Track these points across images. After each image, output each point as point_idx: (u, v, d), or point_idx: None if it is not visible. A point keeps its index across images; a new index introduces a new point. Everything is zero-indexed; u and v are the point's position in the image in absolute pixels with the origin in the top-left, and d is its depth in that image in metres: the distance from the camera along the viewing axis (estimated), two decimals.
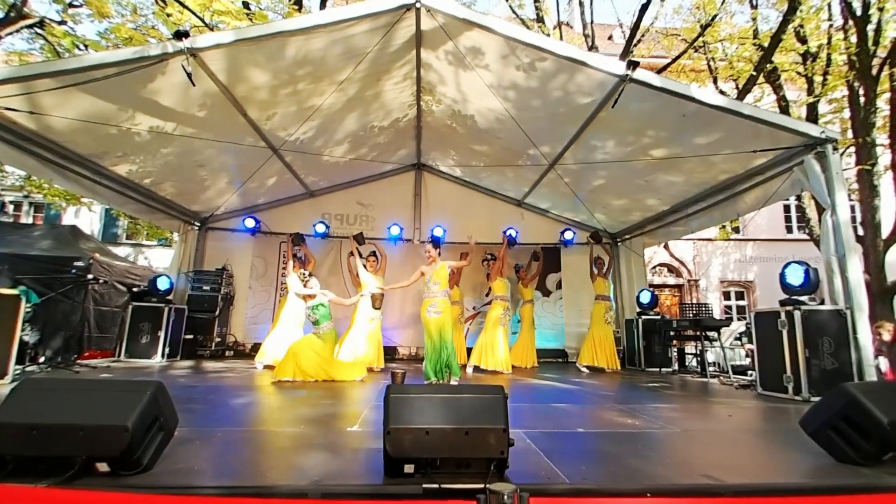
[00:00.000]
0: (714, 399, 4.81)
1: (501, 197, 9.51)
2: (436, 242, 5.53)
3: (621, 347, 8.40)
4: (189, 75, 4.36)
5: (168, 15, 9.01)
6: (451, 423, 1.97)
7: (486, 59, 5.37)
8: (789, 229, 16.27)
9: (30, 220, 16.06)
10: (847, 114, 11.09)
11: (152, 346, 6.80)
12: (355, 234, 7.43)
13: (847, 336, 4.37)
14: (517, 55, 5.12)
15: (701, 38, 11.45)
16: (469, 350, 7.82)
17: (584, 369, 7.17)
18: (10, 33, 9.64)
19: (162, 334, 6.85)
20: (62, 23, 10.03)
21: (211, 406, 3.71)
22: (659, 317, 7.88)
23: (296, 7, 10.60)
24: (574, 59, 4.81)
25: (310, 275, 5.86)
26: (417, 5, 4.63)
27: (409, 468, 1.95)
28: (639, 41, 12.00)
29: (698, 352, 7.36)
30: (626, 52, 11.13)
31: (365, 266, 6.97)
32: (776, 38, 9.91)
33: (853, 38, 10.16)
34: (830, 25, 11.02)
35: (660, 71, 11.02)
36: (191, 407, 3.50)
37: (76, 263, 6.62)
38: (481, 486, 1.77)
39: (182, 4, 8.95)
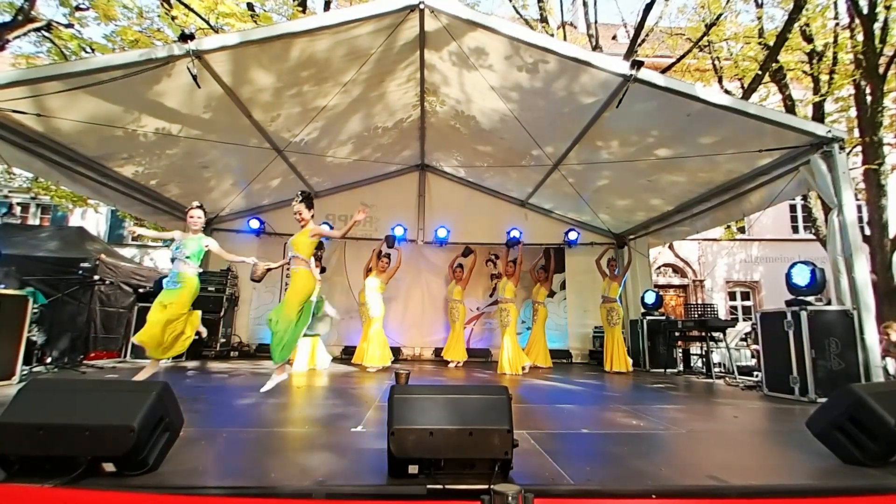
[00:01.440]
0: (719, 400, 4.79)
1: (505, 197, 9.50)
2: (309, 200, 4.54)
3: (626, 348, 8.38)
4: (194, 77, 4.39)
5: (173, 18, 9.07)
6: (454, 424, 1.97)
7: (490, 60, 5.37)
8: (795, 229, 16.16)
9: (37, 222, 16.21)
10: (853, 112, 11.01)
11: None
12: (386, 236, 7.68)
13: (854, 337, 4.35)
14: (521, 56, 5.12)
15: (706, 38, 11.40)
16: (469, 351, 7.98)
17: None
18: (18, 36, 9.73)
19: None
20: (69, 26, 10.12)
21: (216, 406, 3.73)
22: (664, 317, 7.85)
23: (300, 9, 10.64)
24: (578, 59, 4.80)
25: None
26: (421, 6, 4.64)
27: (413, 469, 1.96)
28: (643, 41, 11.98)
29: (703, 352, 7.33)
30: (630, 52, 11.10)
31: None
32: (782, 37, 9.85)
33: (860, 37, 10.08)
34: (836, 24, 10.95)
35: (664, 70, 10.99)
36: (196, 407, 3.52)
37: (83, 265, 6.66)
38: (485, 486, 1.76)
39: (187, 7, 9.01)
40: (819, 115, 10.91)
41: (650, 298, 7.94)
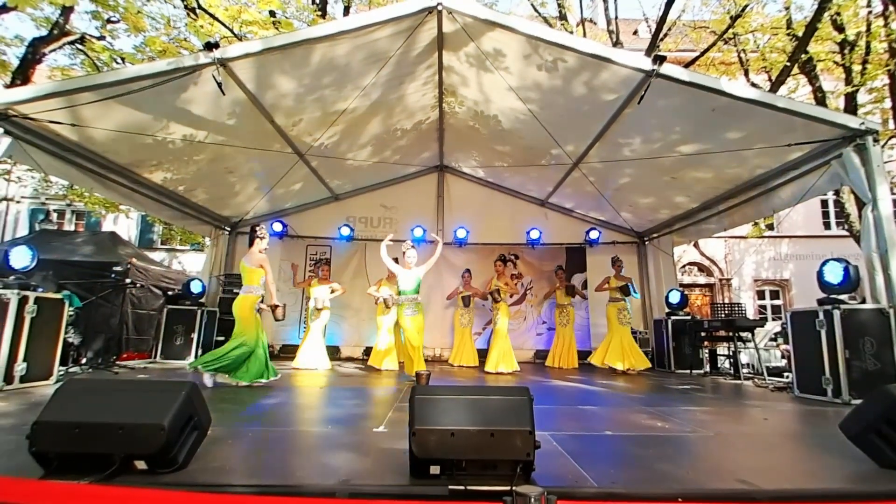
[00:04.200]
0: (748, 402, 4.67)
1: (524, 197, 9.44)
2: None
3: (650, 348, 8.23)
4: (219, 85, 4.50)
5: (200, 27, 9.30)
6: (476, 425, 1.97)
7: (509, 59, 5.36)
8: (827, 225, 15.64)
9: (72, 228, 16.85)
10: (888, 104, 10.59)
11: (186, 348, 7.02)
12: None
13: (890, 336, 4.18)
14: (540, 54, 5.09)
15: (731, 30, 11.12)
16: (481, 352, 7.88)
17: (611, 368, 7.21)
18: (54, 50, 10.11)
19: (195, 336, 7.08)
20: (101, 38, 10.48)
21: (242, 406, 3.81)
22: (689, 317, 7.67)
23: (320, 14, 10.79)
24: (598, 55, 4.75)
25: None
26: (439, 7, 4.65)
27: (434, 469, 1.96)
28: (665, 35, 11.75)
29: (731, 353, 7.14)
30: (652, 47, 10.91)
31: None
32: (811, 27, 9.53)
33: (894, 25, 9.70)
34: (869, 12, 10.55)
35: (688, 65, 10.76)
36: (223, 407, 3.60)
37: (115, 268, 6.90)
38: (507, 488, 1.76)
39: (212, 16, 9.23)
40: (851, 106, 10.53)
41: (675, 298, 7.77)
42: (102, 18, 10.12)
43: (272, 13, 10.02)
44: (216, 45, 4.45)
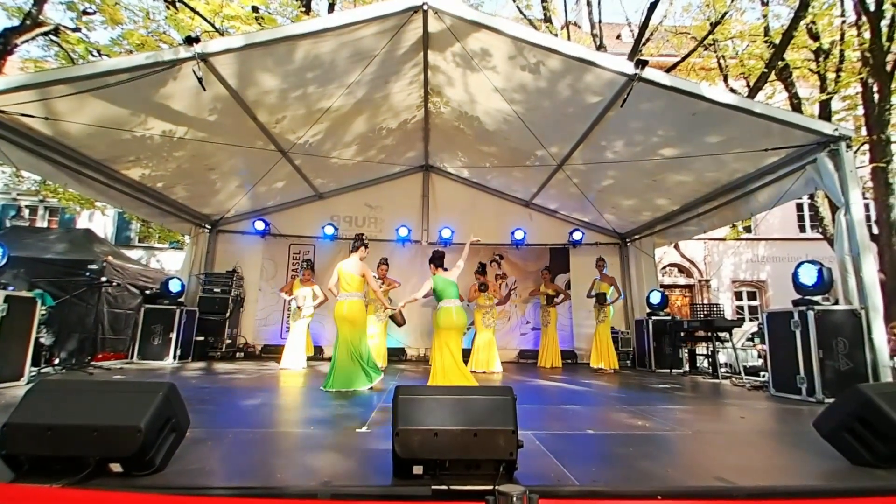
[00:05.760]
0: (726, 400, 4.76)
1: (509, 198, 9.49)
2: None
3: (630, 348, 8.35)
4: (200, 80, 4.42)
5: (180, 20, 9.12)
6: (459, 425, 1.97)
7: (494, 61, 5.37)
8: (802, 228, 16.05)
9: (45, 224, 16.34)
10: (861, 111, 10.93)
11: (164, 348, 6.87)
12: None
13: (862, 336, 4.30)
14: (525, 56, 5.11)
15: (711, 36, 11.36)
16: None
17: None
18: (26, 41, 9.81)
19: (174, 336, 6.92)
20: (76, 30, 10.20)
21: (222, 407, 3.74)
22: (669, 317, 7.80)
23: (304, 11, 10.69)
24: (582, 58, 4.79)
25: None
26: (425, 7, 4.64)
27: (417, 469, 1.96)
28: (647, 40, 11.94)
29: (709, 353, 7.28)
30: (634, 51, 11.06)
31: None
32: (788, 35, 9.80)
33: (867, 34, 10.02)
34: (843, 21, 10.87)
35: (669, 69, 10.96)
36: (202, 408, 3.53)
37: (90, 266, 6.71)
38: (490, 487, 1.76)
39: (193, 10, 9.06)
40: (826, 113, 10.84)
41: (655, 298, 7.89)
42: (78, 9, 9.87)
43: (255, 8, 9.88)
44: (197, 40, 4.37)
